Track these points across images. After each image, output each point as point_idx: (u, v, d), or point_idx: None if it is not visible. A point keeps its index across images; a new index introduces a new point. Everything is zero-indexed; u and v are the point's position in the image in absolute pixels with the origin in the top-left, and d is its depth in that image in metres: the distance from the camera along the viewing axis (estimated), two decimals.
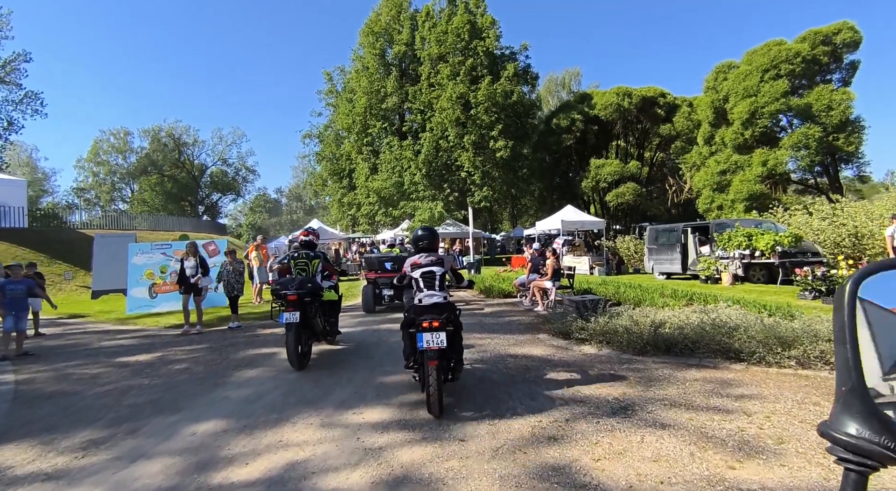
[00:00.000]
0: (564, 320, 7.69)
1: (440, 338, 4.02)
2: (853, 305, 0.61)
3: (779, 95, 20.20)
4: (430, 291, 4.52)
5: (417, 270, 4.64)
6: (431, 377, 3.98)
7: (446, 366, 4.33)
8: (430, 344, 4.00)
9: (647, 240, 16.96)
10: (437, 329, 4.04)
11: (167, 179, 55.18)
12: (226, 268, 9.55)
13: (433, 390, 3.99)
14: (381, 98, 32.54)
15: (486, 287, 13.18)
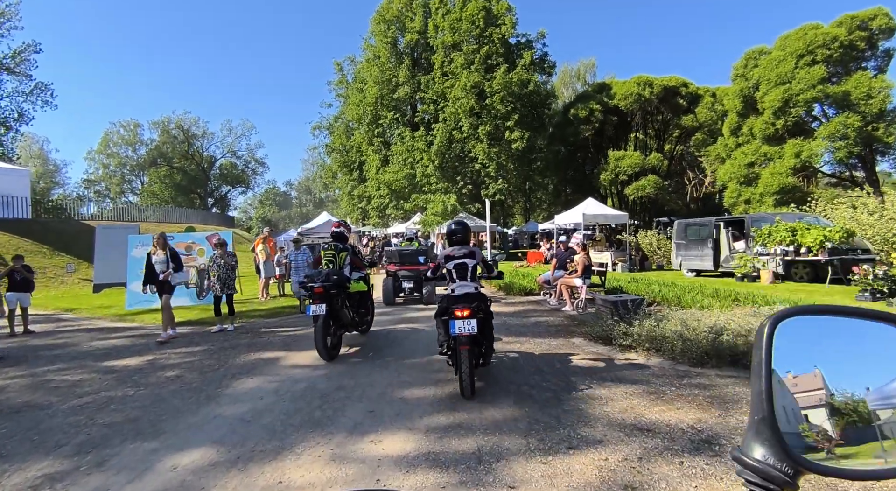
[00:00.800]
0: (602, 323, 6.85)
1: (471, 325, 4.30)
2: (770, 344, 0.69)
3: (815, 82, 18.99)
4: (462, 281, 4.80)
5: (451, 262, 4.89)
6: (464, 361, 4.26)
7: (477, 351, 4.59)
8: (461, 330, 4.27)
9: (674, 235, 16.00)
10: (468, 317, 4.31)
11: (176, 171, 54.88)
12: (216, 261, 8.33)
13: (465, 374, 4.26)
14: (393, 88, 31.69)
15: (506, 284, 12.36)
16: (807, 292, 10.22)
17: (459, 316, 4.33)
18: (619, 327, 6.28)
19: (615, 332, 6.25)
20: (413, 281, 10.86)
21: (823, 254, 10.63)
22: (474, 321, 4.33)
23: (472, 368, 4.36)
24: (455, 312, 4.36)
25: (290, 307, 10.72)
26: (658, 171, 27.72)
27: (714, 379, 4.71)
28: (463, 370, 4.26)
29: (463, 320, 4.30)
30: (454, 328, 4.31)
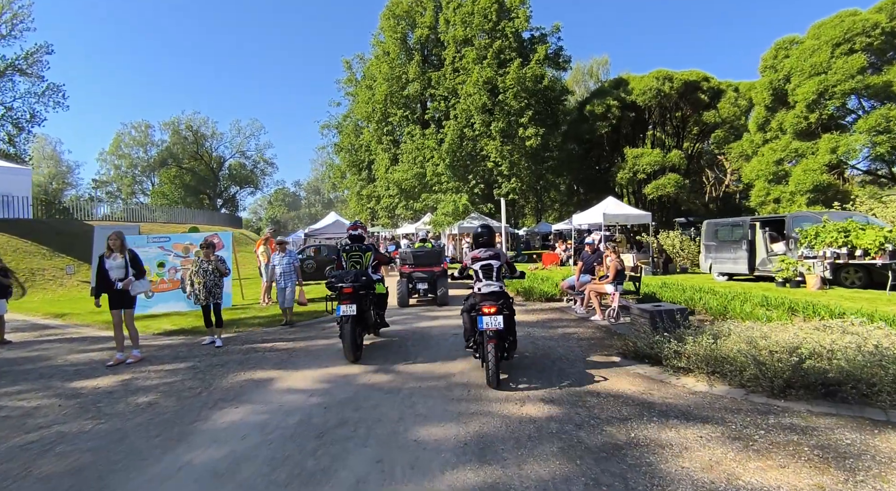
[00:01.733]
0: (647, 338, 5.88)
1: (498, 321, 4.69)
2: None
3: (854, 72, 17.76)
4: (488, 281, 5.14)
5: (478, 263, 5.26)
6: (490, 354, 4.66)
7: (502, 345, 4.93)
8: (489, 325, 4.67)
9: (703, 235, 14.93)
10: (494, 313, 4.71)
11: (185, 172, 54.58)
12: (201, 266, 7.09)
13: (492, 365, 4.68)
14: (403, 85, 30.87)
15: (525, 289, 11.41)
16: (866, 300, 9.14)
17: (487, 312, 4.73)
18: (671, 345, 5.32)
19: (665, 350, 5.28)
20: (427, 282, 10.75)
21: (883, 257, 9.55)
22: (500, 317, 4.73)
23: (498, 361, 4.79)
24: (483, 309, 4.77)
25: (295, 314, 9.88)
26: (678, 169, 26.56)
27: (810, 419, 3.74)
28: (490, 361, 4.68)
29: (490, 317, 4.70)
30: (482, 324, 4.71)
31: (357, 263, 6.46)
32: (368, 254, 6.56)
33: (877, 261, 9.79)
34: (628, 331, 7.33)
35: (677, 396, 4.35)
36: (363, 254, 6.53)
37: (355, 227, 6.93)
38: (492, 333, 4.68)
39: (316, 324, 8.95)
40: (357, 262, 6.47)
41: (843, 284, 11.11)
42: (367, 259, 6.54)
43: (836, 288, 10.95)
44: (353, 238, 6.76)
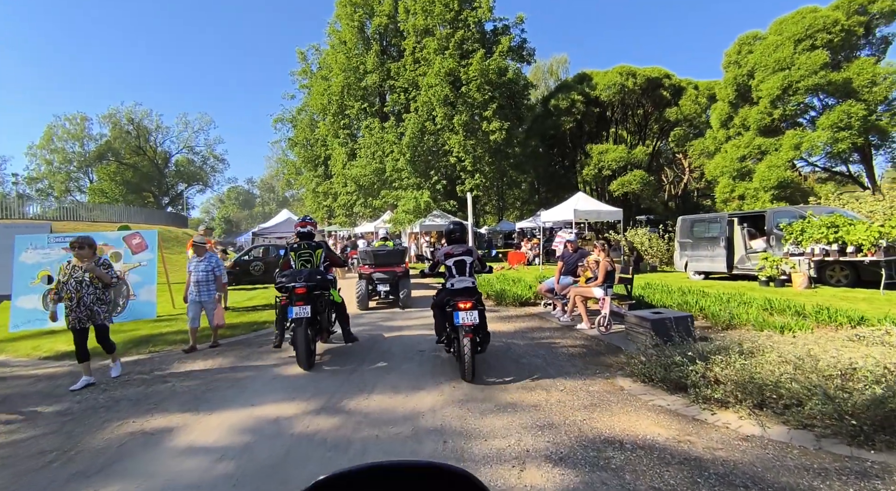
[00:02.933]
0: (660, 358, 4.79)
1: (473, 316, 4.79)
2: None
3: (817, 68, 17.69)
4: (461, 276, 5.22)
5: (451, 259, 5.32)
6: (466, 348, 4.71)
7: (476, 340, 4.90)
8: (465, 320, 4.75)
9: (678, 232, 14.27)
10: (470, 309, 4.82)
11: (126, 168, 50.56)
12: (72, 275, 4.94)
13: (468, 360, 4.72)
14: (360, 76, 29.25)
15: (497, 292, 10.26)
16: (862, 300, 8.50)
17: (463, 308, 4.78)
18: (695, 367, 4.23)
19: (690, 375, 4.19)
20: (389, 284, 10.15)
21: (878, 253, 8.97)
22: (476, 312, 4.81)
23: (474, 355, 4.80)
24: (459, 305, 4.81)
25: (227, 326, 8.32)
26: (643, 166, 26.27)
27: None
28: (465, 356, 4.70)
29: (466, 312, 4.77)
30: (458, 319, 4.75)
31: (308, 262, 5.93)
32: (319, 251, 6.04)
33: (869, 258, 9.20)
34: (623, 342, 6.28)
35: (728, 446, 3.23)
36: (314, 252, 5.99)
37: (304, 223, 6.28)
38: (468, 328, 4.72)
39: (252, 339, 7.44)
40: (308, 260, 5.93)
41: (829, 282, 10.56)
42: (319, 257, 6.01)
43: (823, 287, 10.38)
44: (302, 235, 6.17)
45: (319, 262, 6.01)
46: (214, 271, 6.82)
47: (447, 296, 5.05)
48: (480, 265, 5.53)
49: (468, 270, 5.25)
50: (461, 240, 5.54)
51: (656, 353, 4.96)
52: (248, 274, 17.09)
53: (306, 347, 5.30)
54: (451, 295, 5.01)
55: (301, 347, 5.28)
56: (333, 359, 6.13)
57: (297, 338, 5.32)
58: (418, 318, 8.70)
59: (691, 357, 4.42)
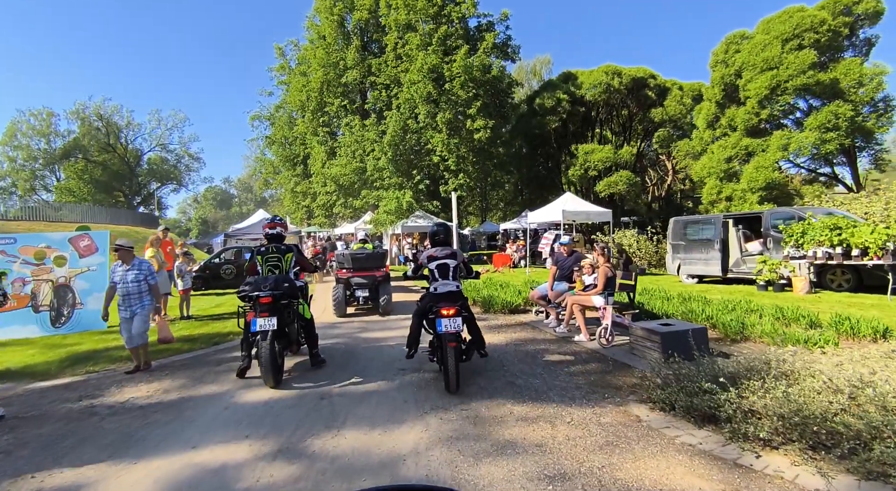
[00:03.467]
0: (677, 379, 4.13)
1: (457, 323, 4.52)
2: None
3: (806, 67, 17.47)
4: (445, 280, 4.90)
5: (434, 262, 5.00)
6: (451, 358, 4.40)
7: (461, 348, 4.64)
8: (448, 328, 4.46)
9: (670, 234, 13.77)
10: (454, 315, 4.55)
11: (95, 166, 48.51)
12: None
13: (452, 371, 4.41)
14: (340, 72, 28.32)
15: (484, 299, 9.54)
16: (872, 306, 8.02)
17: (446, 314, 4.54)
18: (728, 396, 3.56)
19: (725, 406, 3.51)
20: (368, 289, 9.59)
21: (886, 257, 8.52)
22: (460, 319, 4.58)
23: (458, 365, 4.49)
24: (441, 311, 4.56)
25: (186, 338, 7.43)
26: (630, 166, 25.92)
27: None
28: (450, 366, 4.42)
29: (449, 319, 4.52)
30: (441, 326, 4.49)
31: (276, 267, 5.39)
32: (289, 256, 5.49)
33: (874, 261, 8.74)
34: (629, 358, 5.63)
35: None
36: (282, 256, 5.45)
37: (273, 224, 5.74)
38: (452, 337, 4.47)
39: (210, 355, 6.58)
40: (276, 266, 5.40)
41: (830, 286, 10.12)
42: (288, 262, 5.46)
43: (824, 292, 9.94)
44: (270, 237, 5.63)
45: (289, 267, 5.46)
46: (147, 280, 5.82)
47: (430, 301, 4.78)
48: (466, 270, 5.30)
49: (452, 273, 4.97)
50: (445, 242, 5.20)
51: (674, 374, 4.29)
52: (218, 278, 16.09)
53: (272, 363, 4.74)
54: (434, 300, 4.73)
55: (266, 362, 4.72)
56: (303, 375, 5.36)
57: (260, 353, 4.78)
58: (399, 328, 7.93)
59: (721, 382, 3.74)
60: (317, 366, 5.60)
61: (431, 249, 5.16)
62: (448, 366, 4.42)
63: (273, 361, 4.76)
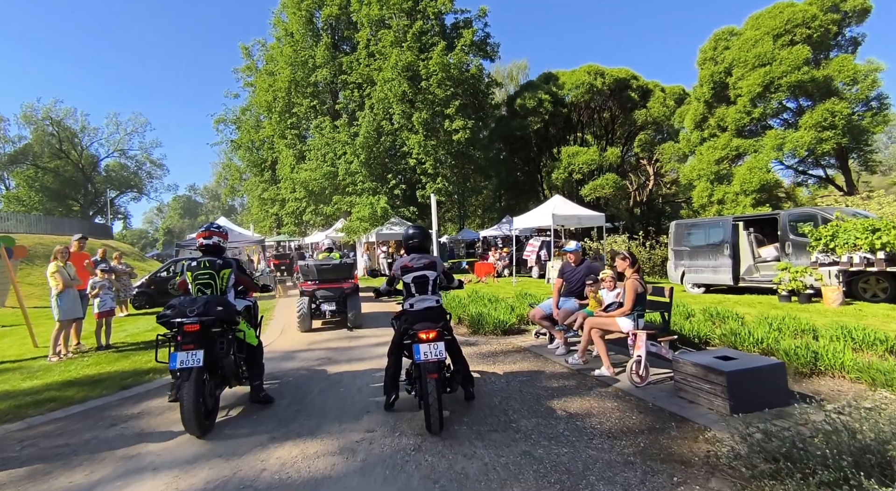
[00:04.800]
0: (793, 462, 2.66)
1: (439, 349, 3.79)
2: None
3: (800, 63, 16.69)
4: (423, 295, 4.15)
5: (409, 274, 4.19)
6: (431, 393, 3.64)
7: (444, 377, 4.08)
8: (428, 356, 3.73)
9: (672, 239, 12.54)
10: (434, 339, 3.80)
11: (45, 173, 45.26)
12: None
13: (434, 407, 3.63)
14: (309, 71, 26.67)
15: (472, 317, 8.02)
16: None
17: (425, 339, 3.78)
18: None
19: None
20: (335, 302, 8.93)
21: None
22: (442, 344, 3.83)
23: (441, 401, 3.70)
24: (420, 335, 3.80)
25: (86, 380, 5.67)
26: (615, 169, 24.93)
27: None
28: (430, 402, 3.63)
29: (429, 344, 3.77)
30: (419, 354, 3.73)
31: (207, 285, 4.30)
32: (226, 271, 4.40)
33: None
34: (677, 403, 4.18)
35: None
36: (217, 272, 4.35)
37: (209, 232, 4.59)
38: (433, 367, 3.70)
39: (111, 406, 4.84)
40: (207, 284, 4.30)
41: (862, 296, 8.96)
42: (225, 280, 4.39)
43: (859, 303, 8.76)
44: (205, 249, 4.54)
45: (226, 286, 4.40)
46: None
47: (406, 322, 4.01)
48: (447, 280, 4.55)
49: (431, 287, 4.19)
50: (422, 248, 4.40)
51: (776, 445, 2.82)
52: (166, 295, 14.09)
53: (195, 408, 3.73)
54: (411, 320, 3.98)
55: (188, 408, 3.72)
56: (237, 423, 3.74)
57: (183, 396, 3.76)
58: (371, 358, 6.35)
59: (868, 463, 2.29)
60: (258, 402, 4.57)
61: (406, 258, 4.30)
62: (429, 402, 3.64)
63: (196, 408, 3.75)
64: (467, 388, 4.35)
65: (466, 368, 4.34)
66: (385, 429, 3.90)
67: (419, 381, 3.81)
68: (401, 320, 4.16)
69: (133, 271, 12.92)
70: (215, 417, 4.18)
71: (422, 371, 3.73)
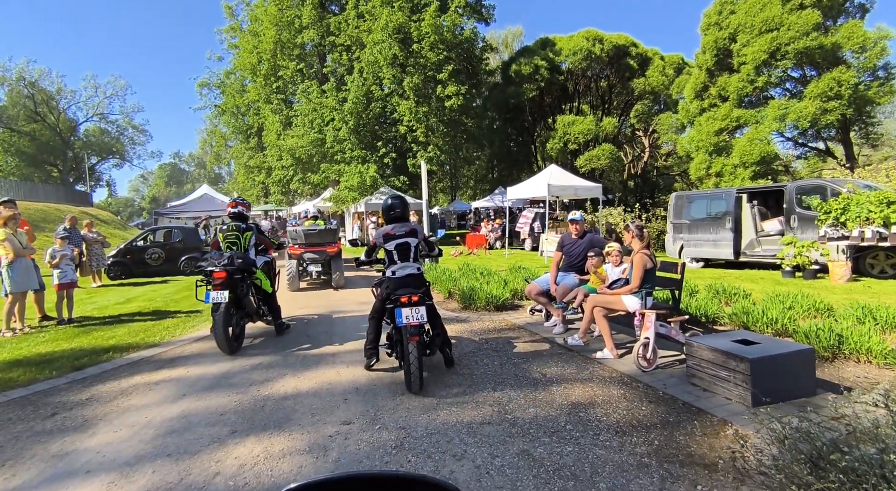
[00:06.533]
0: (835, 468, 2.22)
1: (420, 313, 3.95)
2: None
3: (809, 28, 15.93)
4: (405, 262, 4.32)
5: (392, 242, 4.37)
6: (412, 354, 3.85)
7: (423, 341, 4.16)
8: (409, 319, 3.90)
9: (671, 212, 12.07)
10: (416, 303, 3.96)
11: (20, 137, 43.48)
12: None
13: (415, 367, 3.83)
14: (296, 32, 25.34)
15: (463, 292, 7.53)
16: None
17: (407, 303, 3.95)
18: None
19: None
20: (320, 264, 10.05)
21: None
22: (423, 309, 3.99)
23: (421, 361, 3.92)
24: (402, 300, 3.97)
25: (37, 360, 5.13)
26: (611, 139, 24.23)
27: None
28: (412, 363, 3.83)
29: (411, 308, 3.93)
30: (401, 318, 3.91)
31: (234, 244, 5.64)
32: (248, 234, 5.78)
33: None
34: (686, 390, 3.76)
35: None
36: (241, 234, 5.72)
37: (234, 203, 6.06)
38: (414, 330, 3.90)
39: (54, 394, 4.32)
40: (234, 243, 5.65)
41: (869, 272, 8.60)
42: (247, 240, 5.74)
43: (866, 279, 8.40)
44: (232, 216, 5.93)
45: (247, 245, 5.74)
46: None
47: (389, 289, 4.16)
48: (428, 248, 4.78)
49: (413, 254, 4.37)
50: (402, 218, 4.55)
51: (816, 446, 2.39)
52: (143, 264, 13.53)
53: (224, 332, 5.07)
54: (394, 286, 4.13)
55: (219, 332, 5.06)
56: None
57: (215, 322, 5.10)
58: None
59: None
60: (281, 334, 6.03)
61: (388, 227, 4.45)
62: (409, 362, 3.84)
63: (225, 331, 5.05)
64: (446, 352, 4.45)
65: (445, 333, 4.47)
66: (364, 421, 3.43)
67: (400, 344, 3.99)
68: (383, 287, 4.31)
69: (105, 240, 12.23)
70: (241, 342, 5.52)
71: (403, 334, 3.90)
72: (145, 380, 4.51)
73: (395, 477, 0.75)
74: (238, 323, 5.46)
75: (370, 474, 0.80)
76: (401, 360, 4.08)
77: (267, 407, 3.75)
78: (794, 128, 17.86)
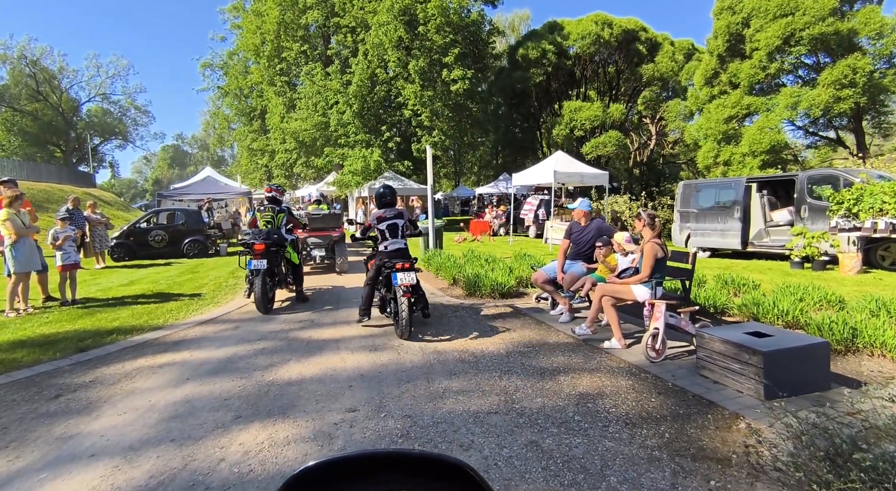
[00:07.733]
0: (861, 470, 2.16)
1: (411, 276, 5.00)
2: None
3: (826, 13, 15.56)
4: (394, 239, 5.36)
5: (383, 223, 5.38)
6: (405, 307, 4.88)
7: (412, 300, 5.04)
8: (403, 281, 4.93)
9: (679, 200, 11.92)
10: (408, 269, 5.03)
11: (23, 116, 43.26)
12: None
13: (406, 318, 4.87)
14: (300, 12, 24.91)
15: (468, 278, 7.46)
16: None
17: (401, 268, 5.01)
18: None
19: None
20: (324, 248, 10.06)
21: None
22: (414, 273, 5.04)
23: (411, 314, 4.95)
24: (397, 266, 5.03)
25: (41, 341, 5.10)
26: (618, 126, 23.91)
27: None
28: (403, 313, 4.86)
29: (404, 272, 4.98)
30: (397, 280, 4.93)
31: (269, 223, 6.73)
32: (281, 215, 6.88)
33: None
34: (695, 382, 3.71)
35: None
36: (276, 215, 6.82)
37: (269, 189, 7.21)
38: (407, 288, 4.92)
39: (57, 376, 4.30)
40: (269, 222, 6.74)
41: (880, 265, 8.49)
42: (280, 220, 6.83)
43: (876, 271, 8.30)
44: (269, 200, 7.06)
45: (280, 224, 6.79)
46: None
47: (383, 259, 5.23)
48: (412, 227, 5.72)
49: (401, 231, 5.39)
50: (392, 203, 5.55)
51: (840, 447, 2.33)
52: (146, 246, 13.49)
53: (262, 293, 6.14)
54: (387, 257, 5.19)
55: (258, 293, 6.12)
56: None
57: (255, 284, 6.15)
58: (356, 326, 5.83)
59: None
60: (302, 301, 7.05)
61: (380, 211, 5.46)
62: (402, 313, 4.85)
63: (264, 292, 6.17)
64: (424, 311, 5.37)
65: (425, 297, 5.41)
66: (369, 408, 3.39)
67: (394, 301, 5.06)
68: (377, 258, 5.36)
69: (109, 221, 12.19)
70: (273, 305, 6.57)
71: (397, 292, 4.93)
72: (149, 363, 4.48)
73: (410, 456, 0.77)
74: (272, 289, 6.54)
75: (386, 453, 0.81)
76: (394, 315, 5.11)
77: (271, 392, 3.72)
78: (806, 116, 17.56)
